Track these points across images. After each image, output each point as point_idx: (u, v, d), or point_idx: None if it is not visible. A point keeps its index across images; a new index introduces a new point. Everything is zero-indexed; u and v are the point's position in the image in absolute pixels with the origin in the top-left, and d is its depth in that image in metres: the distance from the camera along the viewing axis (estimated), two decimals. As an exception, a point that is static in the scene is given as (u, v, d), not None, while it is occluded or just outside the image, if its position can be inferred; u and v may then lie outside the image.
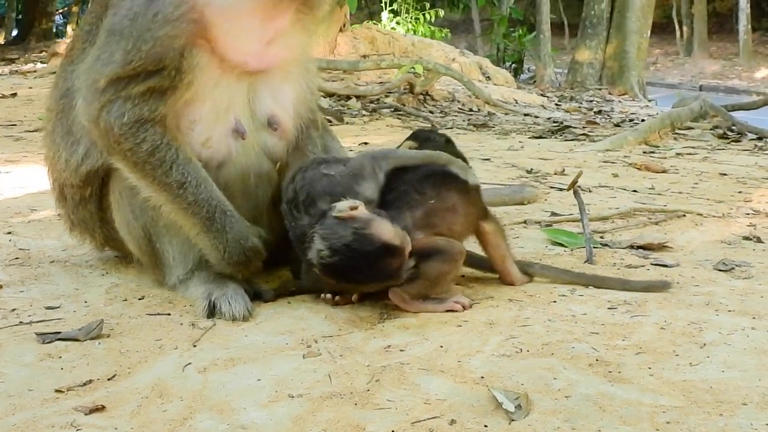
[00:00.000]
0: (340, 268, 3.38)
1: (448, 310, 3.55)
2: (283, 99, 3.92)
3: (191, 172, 3.66)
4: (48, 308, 3.64)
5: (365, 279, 3.43)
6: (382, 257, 3.37)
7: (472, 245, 3.96)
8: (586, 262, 4.33)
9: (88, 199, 4.02)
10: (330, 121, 9.95)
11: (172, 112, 3.65)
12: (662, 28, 39.30)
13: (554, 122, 13.03)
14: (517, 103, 16.09)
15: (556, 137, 10.94)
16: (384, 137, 9.87)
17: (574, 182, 4.77)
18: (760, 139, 10.98)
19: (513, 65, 26.12)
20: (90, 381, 2.88)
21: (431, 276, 3.57)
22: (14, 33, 37.88)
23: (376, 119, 12.13)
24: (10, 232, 4.90)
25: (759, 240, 4.90)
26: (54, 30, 37.19)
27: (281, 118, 3.91)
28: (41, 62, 21.32)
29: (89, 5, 8.86)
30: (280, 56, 3.87)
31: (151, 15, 3.58)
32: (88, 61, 3.75)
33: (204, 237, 3.72)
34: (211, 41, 3.65)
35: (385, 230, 3.39)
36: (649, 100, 21.93)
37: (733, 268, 4.25)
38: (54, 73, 4.97)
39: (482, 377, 2.86)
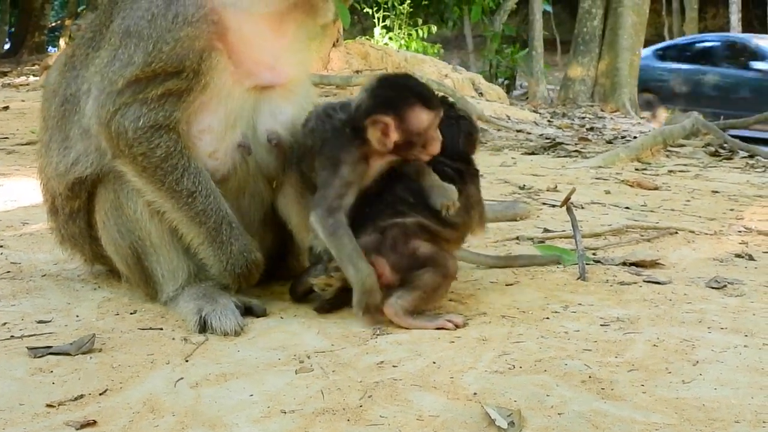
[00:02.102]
0: None
1: (439, 328, 3.54)
2: (283, 118, 3.92)
3: (202, 182, 3.68)
4: (39, 322, 3.62)
5: None
6: None
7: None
8: (578, 278, 4.33)
9: (77, 213, 4.01)
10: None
11: (185, 118, 3.66)
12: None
13: (546, 139, 13.06)
14: (509, 119, 16.11)
15: (548, 154, 10.96)
16: (377, 152, 9.84)
17: (567, 199, 4.78)
18: (751, 156, 11.02)
19: (505, 81, 26.20)
20: (81, 396, 2.86)
21: (427, 287, 3.58)
22: (6, 46, 37.85)
23: (369, 135, 12.11)
24: (1, 246, 4.88)
25: (751, 258, 4.91)
26: (46, 43, 37.13)
27: (280, 136, 3.91)
28: (34, 75, 21.29)
29: (85, 17, 8.87)
30: (286, 73, 3.89)
31: (171, 16, 3.60)
32: (100, 63, 3.75)
33: (208, 247, 3.74)
34: (227, 45, 3.68)
35: None
36: (641, 118, 21.97)
37: (725, 286, 4.25)
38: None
39: (475, 394, 2.85)
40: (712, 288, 4.24)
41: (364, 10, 25.35)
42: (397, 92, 3.67)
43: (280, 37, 3.83)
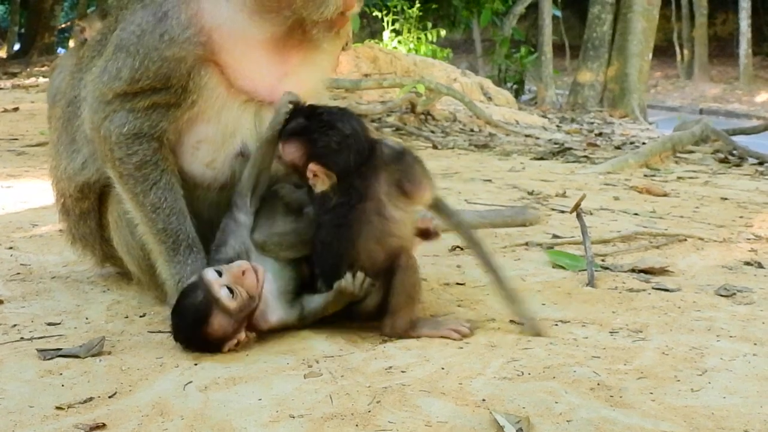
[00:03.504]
0: None
1: (443, 337, 3.52)
2: None
3: (168, 199, 3.71)
4: (49, 324, 3.64)
5: None
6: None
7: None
8: (587, 285, 4.33)
9: (88, 214, 4.05)
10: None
11: (173, 128, 3.68)
12: (663, 51, 39.39)
13: (555, 144, 13.05)
14: (518, 124, 16.10)
15: (557, 159, 10.95)
16: (385, 156, 9.84)
17: (577, 205, 4.78)
18: (761, 164, 10.98)
19: (514, 86, 26.16)
20: (91, 398, 2.87)
21: (407, 291, 3.50)
22: (16, 47, 37.93)
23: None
24: (11, 247, 4.90)
25: (760, 265, 4.90)
26: (56, 44, 37.21)
27: None
28: (43, 76, 21.33)
29: (88, 18, 8.88)
30: (291, 89, 3.86)
31: (158, 35, 3.61)
32: (95, 72, 3.80)
33: (165, 265, 3.76)
34: (219, 65, 3.67)
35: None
36: (650, 123, 21.95)
37: (734, 294, 4.24)
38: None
39: (483, 400, 2.85)
40: (722, 296, 4.23)
41: (374, 14, 25.33)
42: None
43: (281, 60, 3.80)
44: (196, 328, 3.30)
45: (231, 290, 3.29)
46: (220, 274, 3.33)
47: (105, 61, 3.76)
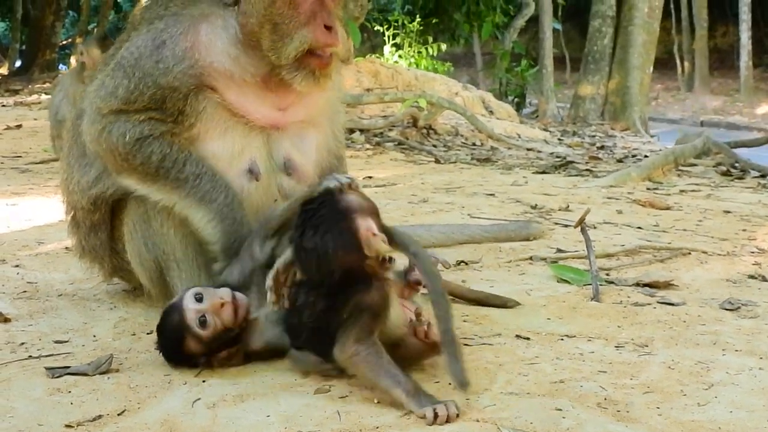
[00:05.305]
0: None
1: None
2: (304, 146, 3.94)
3: (206, 165, 3.72)
4: (57, 342, 3.65)
5: None
6: None
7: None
8: (592, 299, 4.34)
9: (99, 226, 4.08)
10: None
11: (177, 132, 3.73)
12: (664, 64, 39.41)
13: (557, 157, 13.06)
14: (519, 137, 16.11)
15: (559, 172, 10.96)
16: (388, 171, 9.90)
17: (582, 219, 4.79)
18: (763, 176, 10.97)
19: (515, 99, 26.16)
20: (99, 416, 2.88)
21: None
22: (18, 64, 38.01)
23: (380, 153, 12.17)
24: (17, 265, 4.92)
25: (764, 279, 4.91)
26: (57, 61, 37.28)
27: (299, 162, 3.92)
28: (45, 93, 21.38)
29: (89, 42, 9.01)
30: (298, 116, 3.90)
31: (154, 61, 3.69)
32: (95, 85, 3.87)
33: (218, 224, 3.73)
34: (218, 92, 3.71)
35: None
36: (651, 136, 21.95)
37: (739, 308, 4.26)
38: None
39: (491, 415, 2.86)
40: (726, 309, 4.24)
41: (375, 28, 25.38)
42: None
43: (277, 96, 3.82)
44: (172, 347, 3.35)
45: (205, 319, 3.27)
46: (201, 299, 3.31)
47: (104, 77, 3.83)
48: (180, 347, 3.31)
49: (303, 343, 3.24)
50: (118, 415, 2.91)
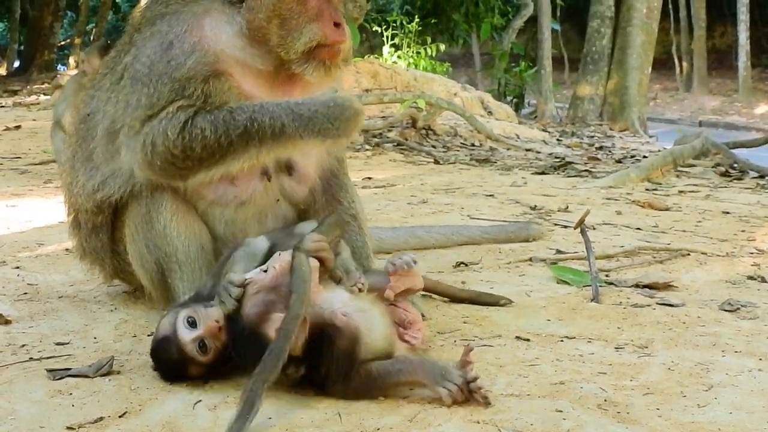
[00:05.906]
0: None
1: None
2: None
3: (248, 104, 3.68)
4: (58, 344, 3.65)
5: None
6: None
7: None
8: (592, 300, 4.35)
9: (101, 227, 4.08)
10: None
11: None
12: (662, 64, 39.42)
13: (556, 158, 13.06)
14: (518, 138, 16.12)
15: (558, 173, 10.96)
16: (387, 172, 9.91)
17: (581, 221, 4.80)
18: (762, 177, 10.98)
19: (514, 100, 26.19)
20: (101, 418, 2.89)
21: (342, 359, 3.06)
22: (16, 64, 38.03)
23: (379, 154, 12.18)
24: (18, 267, 4.92)
25: (763, 280, 4.92)
26: (56, 62, 37.29)
27: (300, 163, 3.96)
28: (44, 94, 21.41)
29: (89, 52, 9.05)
30: None
31: (166, 61, 3.73)
32: (119, 108, 3.85)
33: (304, 131, 3.67)
34: (234, 78, 3.76)
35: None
36: (650, 136, 21.97)
37: (738, 309, 4.26)
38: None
39: (491, 417, 2.87)
40: (726, 311, 4.25)
41: (373, 29, 25.39)
42: None
43: (283, 90, 3.87)
44: (173, 375, 3.24)
45: (204, 344, 3.18)
46: (193, 322, 3.19)
47: (126, 96, 3.83)
48: (181, 374, 3.23)
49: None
50: (120, 417, 2.91)
